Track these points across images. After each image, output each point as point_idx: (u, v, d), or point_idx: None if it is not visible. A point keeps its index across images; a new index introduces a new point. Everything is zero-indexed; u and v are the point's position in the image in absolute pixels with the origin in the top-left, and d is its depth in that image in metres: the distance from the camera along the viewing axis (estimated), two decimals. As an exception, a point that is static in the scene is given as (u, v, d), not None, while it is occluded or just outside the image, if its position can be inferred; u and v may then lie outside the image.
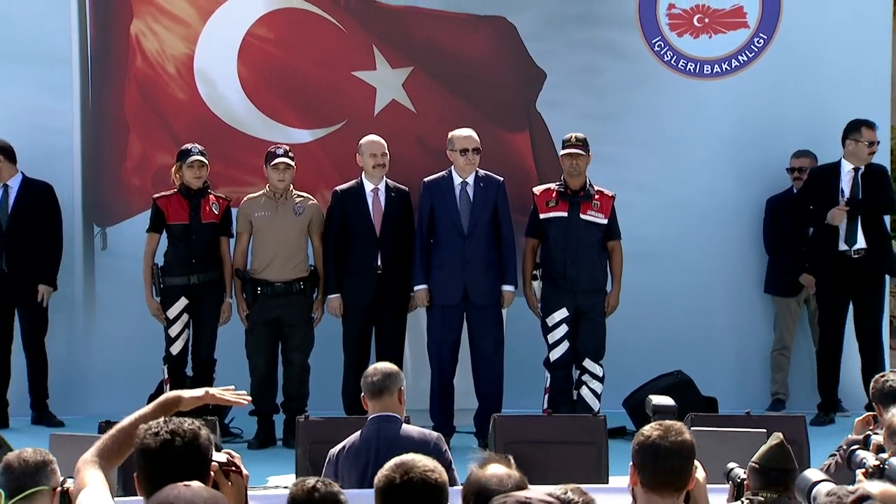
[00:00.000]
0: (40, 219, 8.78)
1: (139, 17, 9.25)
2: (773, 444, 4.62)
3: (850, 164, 8.70)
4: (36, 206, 8.79)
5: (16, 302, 8.77)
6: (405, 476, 3.20)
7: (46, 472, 4.08)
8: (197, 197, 8.34)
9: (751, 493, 4.52)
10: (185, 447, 3.10)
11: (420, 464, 3.26)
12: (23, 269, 8.67)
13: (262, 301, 8.26)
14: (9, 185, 8.79)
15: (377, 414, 5.47)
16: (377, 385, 5.47)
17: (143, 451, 3.14)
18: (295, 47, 9.29)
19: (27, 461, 4.09)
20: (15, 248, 8.70)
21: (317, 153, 9.13)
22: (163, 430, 3.14)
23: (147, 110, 9.30)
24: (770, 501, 4.45)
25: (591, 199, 8.16)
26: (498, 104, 9.31)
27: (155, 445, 3.11)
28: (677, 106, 9.34)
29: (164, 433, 3.12)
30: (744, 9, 9.36)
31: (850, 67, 9.26)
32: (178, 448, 3.10)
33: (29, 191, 8.80)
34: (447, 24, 9.32)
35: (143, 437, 3.15)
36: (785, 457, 4.59)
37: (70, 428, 7.52)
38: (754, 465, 4.59)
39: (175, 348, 8.32)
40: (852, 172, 8.71)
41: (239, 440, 8.21)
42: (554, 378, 8.16)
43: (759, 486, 4.54)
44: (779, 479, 4.51)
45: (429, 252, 8.26)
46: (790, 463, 4.59)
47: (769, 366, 9.24)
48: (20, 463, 4.11)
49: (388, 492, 3.19)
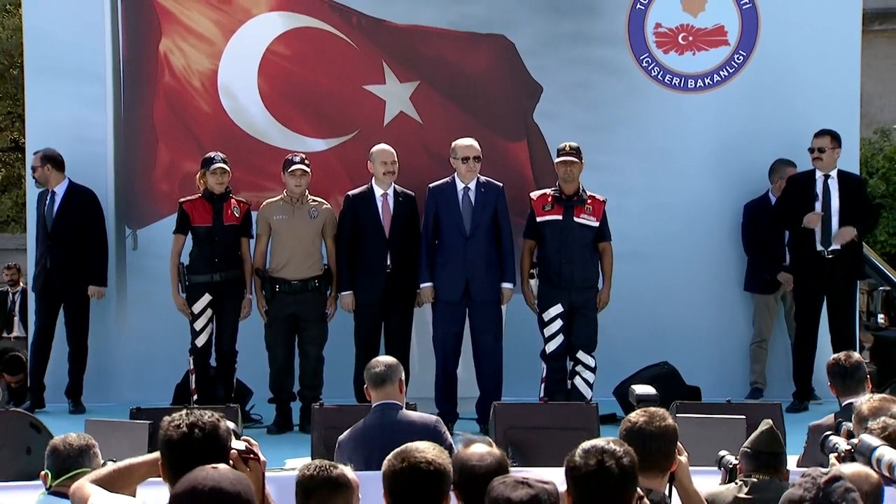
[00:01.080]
0: (83, 222, 8.86)
1: (167, 35, 9.28)
2: (763, 430, 4.60)
3: (819, 172, 8.69)
4: (79, 210, 8.87)
5: (60, 297, 8.85)
6: (407, 463, 3.18)
7: (89, 455, 4.12)
8: (219, 201, 8.32)
9: (743, 476, 4.49)
10: (204, 437, 3.09)
11: (422, 451, 3.24)
12: (66, 267, 8.76)
13: (279, 297, 8.24)
14: (55, 191, 8.86)
15: (381, 402, 5.45)
16: (380, 375, 5.48)
17: (167, 442, 3.13)
18: (310, 63, 9.29)
19: (72, 445, 4.14)
20: (59, 248, 8.79)
21: (331, 161, 9.12)
22: (184, 421, 3.12)
23: (174, 121, 9.33)
24: (762, 483, 4.43)
25: (584, 204, 8.13)
26: (498, 115, 9.30)
27: (177, 436, 3.10)
28: (663, 117, 9.32)
29: (184, 425, 3.11)
30: (725, 27, 9.35)
31: (822, 82, 9.25)
32: (198, 438, 3.08)
33: (73, 196, 8.87)
34: (451, 41, 9.30)
35: (167, 429, 3.14)
36: (774, 441, 4.58)
37: (103, 414, 7.48)
38: (746, 449, 4.57)
39: (200, 341, 8.30)
40: (823, 179, 8.69)
41: (259, 426, 8.22)
42: (550, 369, 8.14)
43: (752, 469, 4.51)
44: (769, 462, 4.50)
45: (434, 252, 8.24)
46: (779, 447, 4.57)
47: (748, 357, 9.22)
48: (65, 446, 4.15)
49: (392, 478, 3.17)
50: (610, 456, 3.03)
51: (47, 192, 8.89)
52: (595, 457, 3.02)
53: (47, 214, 8.83)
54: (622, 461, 3.03)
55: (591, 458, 3.02)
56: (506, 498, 2.85)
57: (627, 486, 3.03)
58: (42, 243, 8.86)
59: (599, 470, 3.00)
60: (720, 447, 4.76)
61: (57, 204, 8.83)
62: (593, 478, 2.99)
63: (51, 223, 8.81)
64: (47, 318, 8.88)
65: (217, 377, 8.34)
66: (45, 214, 8.85)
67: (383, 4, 9.24)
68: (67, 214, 8.82)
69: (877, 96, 14.74)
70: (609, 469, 3.00)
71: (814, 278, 8.64)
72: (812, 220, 8.58)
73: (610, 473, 2.99)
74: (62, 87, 9.19)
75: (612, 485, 3.00)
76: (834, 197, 8.64)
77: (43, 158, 8.86)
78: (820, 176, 8.67)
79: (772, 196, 9.10)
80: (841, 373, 5.61)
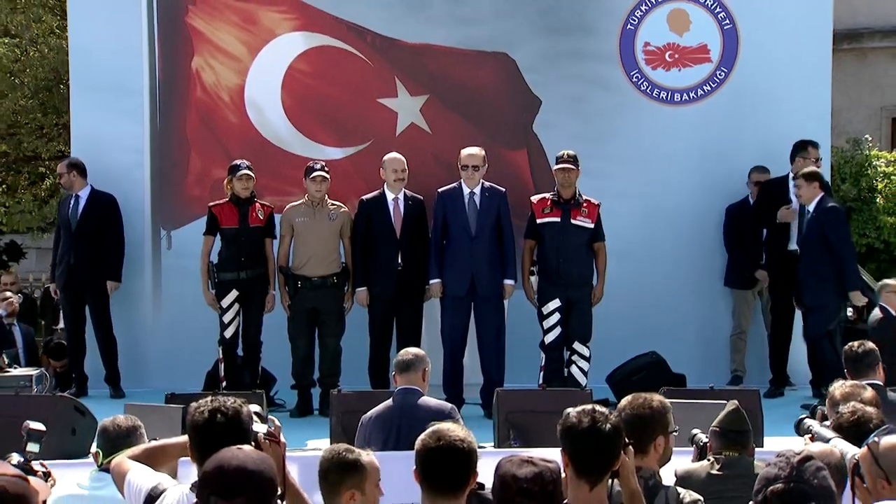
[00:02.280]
0: (104, 224, 8.88)
1: (199, 54, 9.28)
2: (729, 410, 4.55)
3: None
4: (101, 213, 8.89)
5: (83, 292, 8.85)
6: (444, 441, 3.16)
7: (136, 436, 4.11)
8: (245, 205, 8.30)
9: (714, 453, 4.44)
10: (227, 422, 3.08)
11: (454, 431, 3.24)
12: (87, 264, 8.78)
13: (301, 293, 8.20)
14: (79, 195, 8.89)
15: (402, 387, 5.43)
16: (406, 363, 5.52)
17: (193, 426, 3.13)
18: (329, 78, 9.27)
19: (120, 426, 4.14)
20: (81, 247, 8.81)
21: (347, 168, 9.09)
22: (208, 407, 3.12)
23: (205, 132, 9.32)
24: (732, 459, 4.39)
25: (581, 207, 8.10)
26: (500, 126, 9.26)
27: (201, 420, 3.10)
28: (652, 128, 9.28)
29: (208, 410, 3.11)
30: (708, 46, 9.31)
31: (796, 96, 9.22)
32: (221, 423, 3.08)
33: (95, 200, 8.90)
34: (458, 58, 9.26)
35: (193, 413, 3.14)
36: (740, 419, 4.52)
37: (141, 399, 7.47)
38: (715, 428, 4.52)
39: (228, 332, 8.28)
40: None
41: (282, 410, 8.19)
42: (548, 358, 8.10)
43: (721, 447, 4.47)
44: (737, 440, 4.45)
45: (442, 251, 8.20)
46: (745, 424, 4.53)
47: (729, 347, 9.18)
48: (114, 427, 4.14)
49: (427, 455, 3.16)
50: (601, 416, 3.17)
51: (71, 196, 8.94)
52: (588, 416, 3.15)
53: (71, 216, 8.86)
54: (611, 420, 3.17)
55: (585, 417, 3.15)
56: (512, 475, 2.85)
57: (617, 440, 3.15)
58: (65, 242, 8.87)
59: (592, 427, 3.11)
60: (705, 430, 4.71)
61: (81, 207, 8.84)
62: (588, 433, 3.10)
63: (75, 224, 8.83)
64: (73, 311, 8.91)
65: (244, 366, 8.32)
66: (69, 216, 8.87)
67: (396, 25, 9.21)
68: (90, 217, 8.83)
69: (845, 109, 14.71)
70: (601, 426, 3.12)
71: (788, 275, 8.57)
72: (786, 215, 8.57)
73: (601, 430, 3.12)
74: (103, 102, 9.18)
75: (604, 439, 3.12)
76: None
77: (69, 166, 8.92)
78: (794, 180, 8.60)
79: (751, 200, 9.07)
80: (853, 358, 5.61)
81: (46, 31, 13.66)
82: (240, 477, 2.53)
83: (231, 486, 2.51)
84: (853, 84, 15.65)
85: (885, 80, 16.47)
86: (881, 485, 3.19)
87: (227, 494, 2.50)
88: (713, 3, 9.30)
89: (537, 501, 2.80)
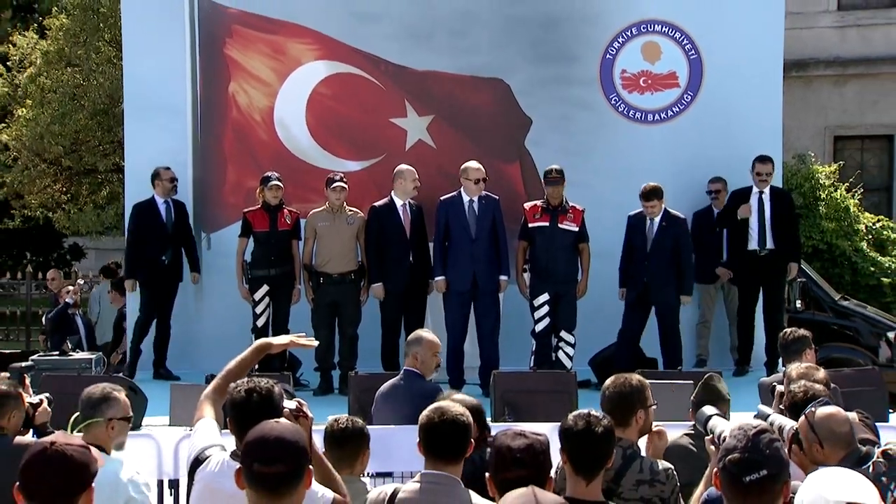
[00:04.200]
0: (186, 226, 8.81)
1: (235, 79, 9.25)
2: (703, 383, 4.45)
3: (756, 188, 8.64)
4: (183, 216, 8.81)
5: (170, 287, 8.73)
6: (447, 416, 3.15)
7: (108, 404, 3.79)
8: (275, 211, 8.25)
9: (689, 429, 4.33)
10: (261, 399, 3.06)
11: (455, 408, 3.23)
12: (176, 264, 8.71)
13: (323, 288, 8.12)
14: (168, 201, 8.74)
15: (406, 368, 5.34)
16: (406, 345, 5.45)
17: (232, 404, 3.11)
18: (347, 101, 9.21)
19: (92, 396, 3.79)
20: (175, 247, 8.71)
21: (363, 178, 9.00)
22: (245, 387, 3.10)
23: (240, 148, 9.28)
24: None
25: (567, 213, 8.04)
26: (496, 142, 9.19)
27: (239, 399, 3.09)
28: (628, 145, 9.21)
29: (244, 390, 3.09)
30: (676, 73, 9.28)
31: (752, 116, 9.17)
32: (256, 400, 3.06)
33: (178, 206, 8.81)
34: (459, 83, 9.19)
35: (233, 393, 3.14)
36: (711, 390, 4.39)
37: (186, 380, 7.40)
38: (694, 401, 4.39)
39: (259, 322, 8.23)
40: (759, 193, 8.62)
41: (306, 389, 8.13)
42: (538, 344, 8.03)
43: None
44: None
45: (445, 251, 8.10)
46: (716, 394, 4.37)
47: (695, 335, 9.07)
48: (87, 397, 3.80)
49: (431, 428, 3.15)
50: (595, 419, 3.11)
51: (159, 202, 8.67)
52: (583, 420, 3.09)
53: (167, 221, 8.66)
54: (603, 422, 3.12)
55: (580, 421, 3.09)
56: (507, 446, 2.83)
57: (609, 441, 3.10)
58: (160, 243, 8.59)
59: (587, 429, 3.06)
60: (672, 405, 4.63)
61: (172, 212, 8.68)
62: (583, 435, 3.05)
63: (170, 227, 8.65)
64: (165, 303, 8.71)
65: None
66: (164, 221, 8.64)
67: (405, 54, 9.16)
68: (178, 220, 8.72)
69: (794, 128, 14.70)
70: (594, 429, 3.07)
71: (752, 273, 8.58)
72: (744, 210, 8.53)
73: (594, 432, 3.06)
74: (153, 121, 9.13)
75: (597, 440, 3.06)
76: (767, 207, 8.60)
77: (172, 179, 8.73)
78: (756, 191, 8.63)
79: (715, 209, 9.01)
80: (784, 344, 5.58)
81: (104, 61, 13.66)
82: (278, 446, 2.53)
83: (271, 454, 2.51)
84: (801, 107, 15.72)
85: (827, 103, 16.63)
86: (815, 448, 3.32)
87: (267, 461, 2.50)
88: (681, 37, 9.26)
89: (529, 469, 2.78)
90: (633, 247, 8.20)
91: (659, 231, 8.11)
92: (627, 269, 8.24)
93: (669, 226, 8.13)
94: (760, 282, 8.61)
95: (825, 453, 3.29)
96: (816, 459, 3.28)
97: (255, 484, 2.52)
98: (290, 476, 2.51)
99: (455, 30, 9.16)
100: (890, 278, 11.55)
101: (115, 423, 3.77)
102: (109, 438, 3.76)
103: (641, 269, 8.14)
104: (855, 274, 11.51)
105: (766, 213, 8.56)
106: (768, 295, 8.63)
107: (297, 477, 2.53)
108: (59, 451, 2.40)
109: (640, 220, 8.21)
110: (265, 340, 3.66)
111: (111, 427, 3.76)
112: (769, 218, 8.54)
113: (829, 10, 16.65)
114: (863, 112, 16.63)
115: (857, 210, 12.02)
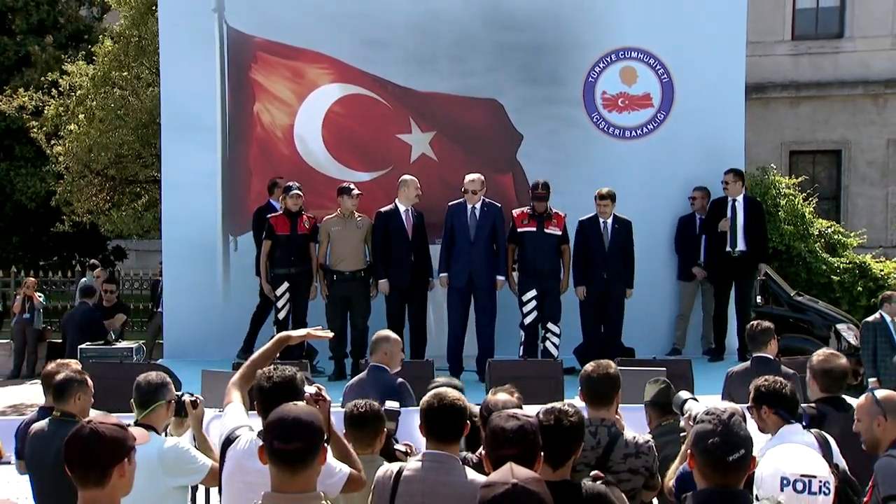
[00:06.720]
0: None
1: (259, 100, 9.18)
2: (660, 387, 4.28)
3: (729, 197, 8.67)
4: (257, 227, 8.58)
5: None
6: (446, 401, 3.10)
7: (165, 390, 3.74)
8: (295, 216, 8.20)
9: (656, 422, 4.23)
10: (284, 385, 3.06)
11: (452, 393, 3.18)
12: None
13: (336, 285, 8.08)
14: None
15: (373, 364, 5.11)
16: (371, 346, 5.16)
17: (260, 389, 3.10)
18: (359, 119, 9.16)
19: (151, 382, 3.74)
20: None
21: (372, 187, 8.93)
22: (272, 375, 3.09)
23: (263, 161, 9.22)
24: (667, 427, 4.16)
25: (551, 219, 8.02)
26: (491, 155, 9.14)
27: (266, 384, 3.07)
28: (609, 158, 9.15)
29: (271, 378, 3.08)
30: (650, 94, 9.23)
31: (718, 133, 9.14)
32: (281, 386, 3.05)
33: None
34: (458, 103, 9.15)
35: (259, 379, 3.11)
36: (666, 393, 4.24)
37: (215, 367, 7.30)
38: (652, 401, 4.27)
39: (281, 315, 8.18)
40: (731, 201, 8.66)
41: (322, 375, 8.08)
42: (527, 335, 7.97)
43: (659, 416, 4.26)
44: (671, 410, 4.16)
45: (449, 252, 8.04)
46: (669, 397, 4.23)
47: (670, 327, 9.05)
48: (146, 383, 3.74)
49: (430, 412, 3.10)
50: (563, 414, 3.01)
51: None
52: (553, 415, 3.00)
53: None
54: (572, 418, 3.01)
55: (551, 416, 3.00)
56: (500, 427, 2.77)
57: (577, 435, 3.02)
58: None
59: (556, 424, 2.97)
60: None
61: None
62: (553, 430, 2.95)
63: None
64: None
65: (292, 342, 8.13)
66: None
67: (410, 77, 9.11)
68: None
69: (754, 144, 14.68)
70: (563, 423, 2.98)
71: (727, 272, 8.63)
72: (723, 225, 8.57)
73: (563, 426, 2.97)
74: (187, 136, 9.07)
75: (565, 434, 2.97)
76: (740, 214, 8.61)
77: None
78: (730, 200, 8.67)
79: (698, 215, 9.01)
80: (751, 335, 5.49)
81: (145, 84, 13.64)
82: (296, 426, 2.51)
83: (289, 432, 2.50)
84: (760, 125, 15.75)
85: (784, 122, 16.71)
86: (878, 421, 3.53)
87: (286, 439, 2.49)
88: (654, 62, 9.21)
89: (520, 448, 2.70)
90: (592, 248, 8.09)
91: (614, 232, 8.10)
92: (586, 269, 8.11)
93: (620, 227, 8.13)
94: (733, 279, 8.61)
95: (887, 426, 3.51)
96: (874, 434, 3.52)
97: (275, 459, 2.51)
98: (306, 452, 2.50)
99: (454, 56, 9.12)
100: (839, 277, 11.51)
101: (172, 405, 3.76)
102: (166, 419, 3.72)
103: (601, 267, 8.05)
104: (809, 273, 11.47)
105: (738, 219, 8.56)
106: (739, 291, 8.65)
107: (313, 453, 2.51)
108: (93, 429, 2.44)
109: (593, 223, 8.13)
110: (285, 333, 3.64)
111: (169, 408, 3.72)
112: (742, 223, 8.55)
113: (785, 40, 16.75)
114: (814, 130, 16.71)
115: (812, 216, 11.99)
